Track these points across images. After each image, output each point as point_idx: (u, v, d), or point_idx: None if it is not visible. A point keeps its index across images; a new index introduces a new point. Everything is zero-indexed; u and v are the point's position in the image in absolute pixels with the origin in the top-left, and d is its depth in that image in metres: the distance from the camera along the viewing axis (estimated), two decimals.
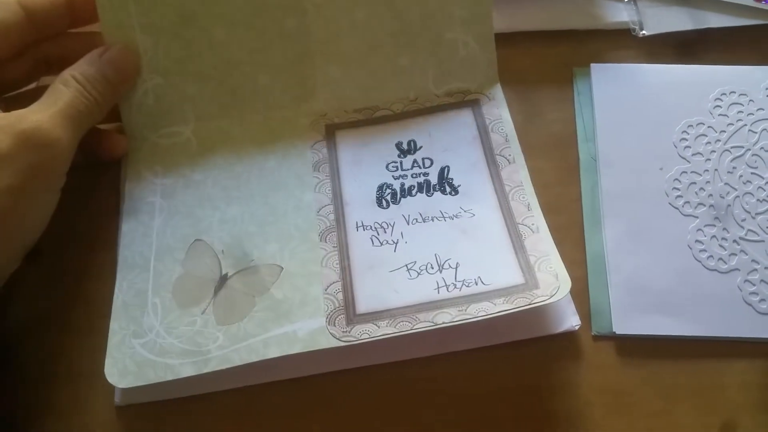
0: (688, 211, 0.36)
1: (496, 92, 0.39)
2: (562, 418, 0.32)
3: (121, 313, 0.33)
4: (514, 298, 0.32)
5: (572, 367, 0.33)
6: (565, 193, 0.38)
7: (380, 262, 0.34)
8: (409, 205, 0.36)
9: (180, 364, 0.32)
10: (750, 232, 0.35)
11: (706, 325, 0.33)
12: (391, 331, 0.32)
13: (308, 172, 0.37)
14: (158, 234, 0.36)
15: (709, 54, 0.42)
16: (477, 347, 0.34)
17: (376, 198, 0.36)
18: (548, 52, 0.42)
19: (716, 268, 0.35)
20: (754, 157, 0.37)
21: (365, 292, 0.33)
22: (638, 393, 0.33)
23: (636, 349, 0.34)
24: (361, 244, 0.35)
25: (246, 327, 0.33)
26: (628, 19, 0.42)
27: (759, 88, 0.39)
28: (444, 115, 0.39)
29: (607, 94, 0.40)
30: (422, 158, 0.38)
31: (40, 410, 0.33)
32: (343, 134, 0.39)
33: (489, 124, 0.38)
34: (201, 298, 0.34)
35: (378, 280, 0.34)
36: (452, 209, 0.36)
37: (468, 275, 0.33)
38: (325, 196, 0.37)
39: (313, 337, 0.32)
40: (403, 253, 0.34)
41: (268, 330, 0.32)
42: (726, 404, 0.32)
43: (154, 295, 0.34)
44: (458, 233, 0.35)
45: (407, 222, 0.36)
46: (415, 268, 0.34)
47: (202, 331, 0.33)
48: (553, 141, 0.39)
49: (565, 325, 0.33)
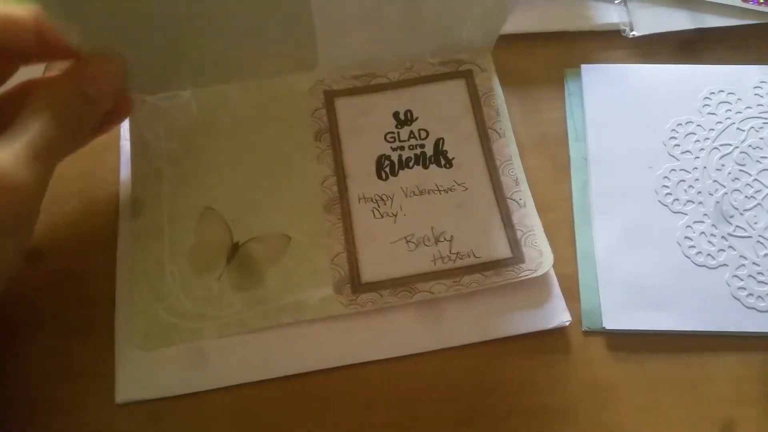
0: (677, 208, 0.37)
1: (488, 63, 0.40)
2: (554, 412, 0.33)
3: (141, 279, 0.35)
4: (503, 272, 0.34)
5: (563, 362, 0.34)
6: (556, 191, 0.38)
7: (381, 234, 0.36)
8: (406, 177, 0.37)
9: (202, 327, 0.34)
10: (738, 229, 0.36)
11: (694, 320, 0.34)
12: (393, 300, 0.34)
13: (310, 141, 0.38)
14: (168, 201, 0.37)
15: (699, 54, 0.42)
16: (469, 343, 0.34)
17: (375, 170, 0.38)
18: (540, 53, 0.43)
19: (705, 264, 0.35)
20: (742, 155, 0.38)
21: (369, 262, 0.35)
22: (628, 387, 0.33)
23: (625, 343, 0.34)
24: (363, 215, 0.36)
25: (260, 294, 0.34)
26: (619, 21, 0.43)
27: (747, 87, 0.40)
28: (439, 86, 0.40)
29: (597, 93, 0.40)
30: (418, 129, 0.39)
31: (39, 408, 0.33)
32: (342, 102, 0.39)
33: (481, 96, 0.39)
34: (215, 265, 0.35)
35: (380, 252, 0.35)
36: (447, 182, 0.37)
37: (461, 248, 0.35)
38: (327, 167, 0.37)
39: (323, 305, 0.34)
40: (402, 225, 0.36)
41: (281, 298, 0.34)
42: (714, 397, 0.33)
43: (171, 262, 0.35)
44: (452, 206, 0.36)
45: (405, 194, 0.37)
46: (413, 240, 0.36)
47: (219, 296, 0.34)
48: (545, 140, 0.40)
49: (555, 322, 0.34)
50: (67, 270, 0.37)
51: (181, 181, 0.37)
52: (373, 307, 0.34)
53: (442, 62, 0.40)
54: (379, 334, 0.34)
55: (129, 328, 0.34)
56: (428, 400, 0.33)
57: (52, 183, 0.29)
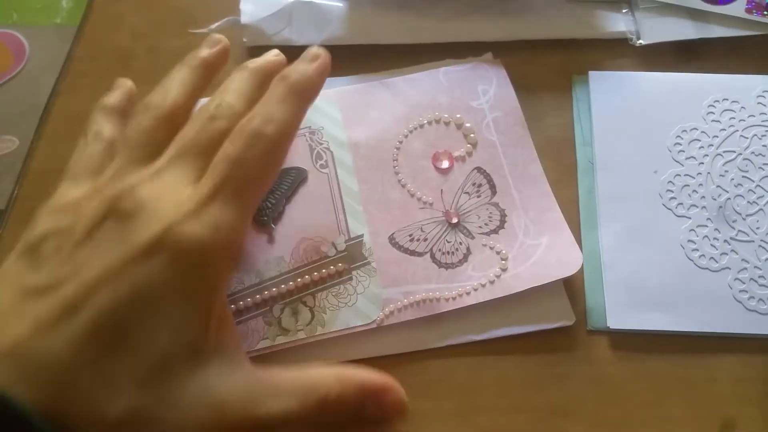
0: (681, 212, 0.37)
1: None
2: (558, 409, 0.33)
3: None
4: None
5: (567, 360, 0.34)
6: (563, 194, 0.39)
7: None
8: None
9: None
10: (740, 233, 0.37)
11: (697, 321, 0.35)
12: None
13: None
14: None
15: (704, 63, 0.43)
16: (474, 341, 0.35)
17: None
18: (548, 60, 0.44)
19: (708, 267, 0.36)
20: (745, 162, 0.39)
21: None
22: (631, 386, 0.34)
23: (629, 343, 0.35)
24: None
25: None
26: (626, 29, 0.44)
27: (750, 96, 0.41)
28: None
29: (604, 100, 0.41)
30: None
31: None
32: None
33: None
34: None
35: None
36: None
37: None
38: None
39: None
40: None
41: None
42: (716, 397, 0.33)
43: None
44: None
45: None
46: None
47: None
48: (552, 145, 0.41)
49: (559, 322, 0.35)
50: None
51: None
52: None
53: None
54: (381, 330, 0.35)
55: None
56: (430, 395, 0.34)
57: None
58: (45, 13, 0.49)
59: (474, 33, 0.44)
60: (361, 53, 0.44)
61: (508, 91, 0.42)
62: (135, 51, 0.47)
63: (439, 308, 0.35)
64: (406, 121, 0.41)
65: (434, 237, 0.37)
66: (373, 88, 0.43)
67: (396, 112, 0.41)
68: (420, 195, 0.38)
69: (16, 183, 0.42)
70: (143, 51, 0.47)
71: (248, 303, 0.35)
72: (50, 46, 0.47)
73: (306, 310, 0.35)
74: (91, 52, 0.47)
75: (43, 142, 0.43)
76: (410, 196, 0.38)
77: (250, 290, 0.36)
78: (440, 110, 0.41)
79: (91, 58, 0.47)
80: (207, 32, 0.45)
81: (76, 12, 0.49)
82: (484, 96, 0.41)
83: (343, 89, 0.43)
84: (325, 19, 0.44)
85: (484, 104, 0.41)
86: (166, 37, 0.47)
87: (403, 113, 0.41)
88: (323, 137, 0.41)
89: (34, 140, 0.43)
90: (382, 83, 0.43)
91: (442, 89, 0.42)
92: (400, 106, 0.42)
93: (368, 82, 0.43)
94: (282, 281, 0.36)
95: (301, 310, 0.35)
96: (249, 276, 0.36)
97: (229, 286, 0.35)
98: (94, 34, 0.48)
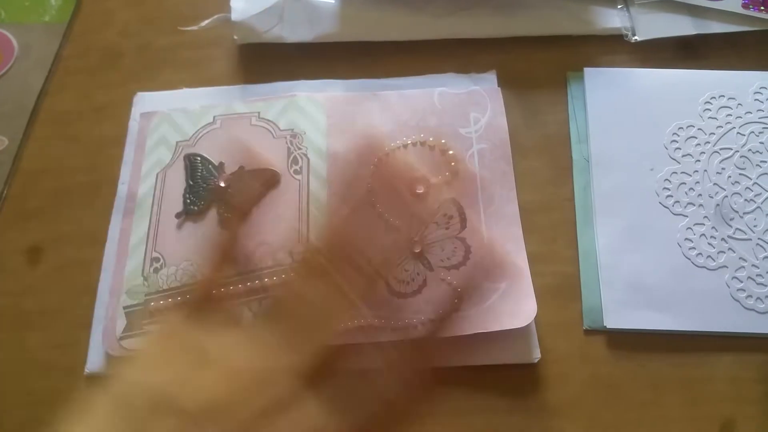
0: (678, 210, 0.37)
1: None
2: (555, 408, 0.33)
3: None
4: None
5: (565, 360, 0.34)
6: (559, 192, 0.39)
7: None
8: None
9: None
10: (738, 231, 0.36)
11: (694, 320, 0.34)
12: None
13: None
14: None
15: (700, 59, 0.43)
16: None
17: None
18: (544, 56, 0.43)
19: (705, 266, 0.36)
20: (742, 159, 0.39)
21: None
22: (628, 385, 0.34)
23: (626, 342, 0.34)
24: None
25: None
26: (621, 25, 0.43)
27: (747, 92, 0.40)
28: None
29: (599, 97, 0.41)
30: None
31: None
32: None
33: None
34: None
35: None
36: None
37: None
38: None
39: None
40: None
41: None
42: (713, 396, 0.33)
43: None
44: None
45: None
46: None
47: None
48: (548, 142, 0.40)
49: (527, 359, 0.34)
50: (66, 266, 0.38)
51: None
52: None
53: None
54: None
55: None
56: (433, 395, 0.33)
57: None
58: (34, 11, 0.48)
59: (468, 30, 0.43)
60: (354, 51, 0.43)
61: (501, 123, 0.40)
62: (124, 49, 0.46)
63: (383, 337, 0.33)
64: (390, 139, 0.40)
65: (393, 263, 0.36)
66: (364, 99, 0.41)
67: (382, 127, 0.40)
68: (388, 217, 0.36)
69: (5, 183, 0.41)
70: (133, 49, 0.46)
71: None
72: (39, 44, 0.46)
73: (250, 315, 0.35)
74: (80, 50, 0.46)
75: (32, 141, 0.43)
76: (377, 217, 0.38)
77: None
78: (427, 133, 0.40)
79: (80, 56, 0.46)
80: (197, 29, 0.45)
81: (65, 10, 0.48)
82: (474, 124, 0.40)
83: (334, 96, 0.42)
84: (318, 15, 0.44)
85: (473, 133, 0.40)
86: (156, 35, 0.46)
87: (388, 130, 0.40)
88: (303, 142, 0.40)
89: (23, 140, 0.43)
90: (374, 95, 0.42)
91: (434, 111, 0.41)
92: (387, 122, 0.40)
93: (361, 92, 0.42)
94: (232, 282, 0.35)
95: (245, 315, 0.35)
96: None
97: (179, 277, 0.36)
98: (83, 32, 0.47)
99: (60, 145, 0.42)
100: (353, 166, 0.39)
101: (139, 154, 0.41)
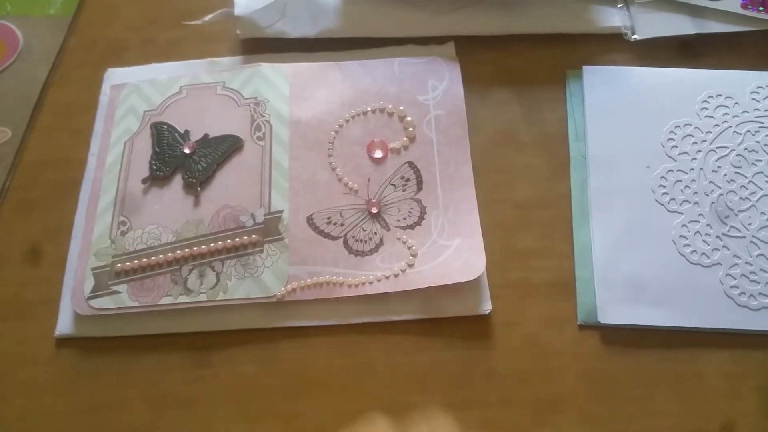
0: (673, 207, 0.37)
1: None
2: (549, 402, 0.33)
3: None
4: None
5: (559, 354, 0.35)
6: (556, 188, 0.39)
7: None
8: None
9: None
10: (732, 229, 0.37)
11: (687, 317, 0.35)
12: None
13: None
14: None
15: (698, 58, 0.43)
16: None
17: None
18: (543, 54, 0.44)
19: (699, 263, 0.36)
20: (738, 157, 0.39)
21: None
22: (621, 380, 0.34)
23: (620, 338, 0.35)
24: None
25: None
26: (621, 24, 0.43)
27: (744, 92, 0.41)
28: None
29: (598, 95, 0.41)
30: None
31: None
32: None
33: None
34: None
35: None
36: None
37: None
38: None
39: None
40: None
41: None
42: (705, 392, 0.33)
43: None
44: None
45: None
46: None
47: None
48: (546, 139, 0.41)
49: (479, 310, 0.35)
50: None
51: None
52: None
53: None
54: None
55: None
56: (424, 389, 0.34)
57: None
58: (39, 4, 0.49)
59: (468, 27, 0.44)
60: (356, 46, 0.44)
61: (457, 91, 0.42)
62: (129, 42, 0.47)
63: (340, 293, 0.36)
64: (351, 106, 0.41)
65: (351, 223, 0.38)
66: (327, 68, 0.43)
67: (343, 95, 0.42)
68: (347, 180, 0.39)
69: (8, 174, 0.41)
70: (137, 42, 0.47)
71: (160, 259, 0.37)
72: (44, 37, 0.47)
73: (212, 274, 0.36)
74: (84, 43, 0.47)
75: (35, 133, 0.43)
76: (337, 180, 0.39)
77: (164, 247, 0.37)
78: (386, 100, 0.41)
79: (84, 49, 0.47)
80: (201, 24, 0.45)
81: (70, 3, 0.49)
82: (432, 92, 0.42)
83: (298, 65, 0.43)
84: (320, 11, 0.44)
85: (431, 100, 0.41)
86: (159, 29, 0.47)
87: (349, 97, 0.42)
88: (266, 110, 0.41)
89: (26, 131, 0.43)
90: (337, 65, 0.43)
91: (394, 79, 0.42)
92: (348, 90, 0.42)
93: (325, 62, 0.43)
94: (195, 243, 0.37)
95: (207, 274, 0.36)
96: (166, 233, 0.38)
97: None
98: (87, 26, 0.48)
99: (63, 137, 0.43)
100: (315, 132, 0.40)
101: (108, 125, 0.42)
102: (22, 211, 0.40)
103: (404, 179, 0.39)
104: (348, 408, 0.33)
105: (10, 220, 0.40)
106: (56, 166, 0.42)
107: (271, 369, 0.35)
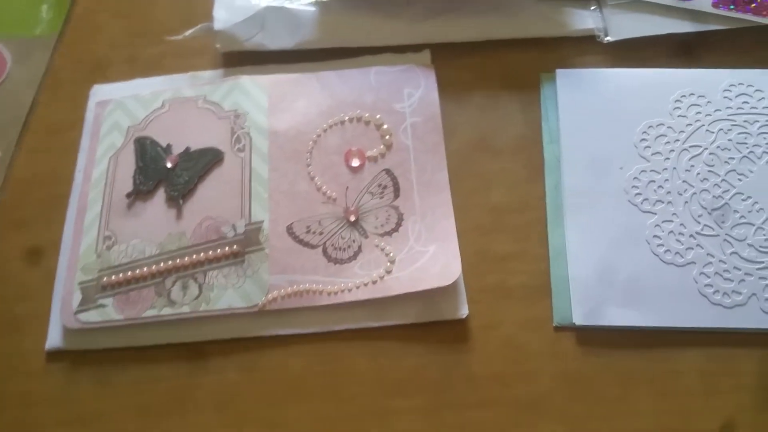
0: (646, 207, 0.38)
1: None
2: (525, 404, 0.34)
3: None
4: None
5: (535, 356, 0.35)
6: (531, 191, 0.39)
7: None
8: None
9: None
10: (706, 227, 0.37)
11: (662, 316, 0.35)
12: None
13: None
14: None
15: (670, 58, 0.43)
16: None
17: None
18: (517, 58, 0.44)
19: (673, 262, 0.36)
20: (711, 156, 0.39)
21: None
22: (597, 380, 0.34)
23: (595, 338, 0.35)
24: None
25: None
26: (594, 26, 0.44)
27: (717, 90, 0.41)
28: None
29: (571, 97, 0.41)
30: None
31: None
32: None
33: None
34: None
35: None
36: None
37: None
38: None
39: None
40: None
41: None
42: (681, 390, 0.34)
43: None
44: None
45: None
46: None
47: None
48: (520, 143, 0.41)
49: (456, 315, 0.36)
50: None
51: None
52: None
53: None
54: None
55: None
56: (402, 392, 0.35)
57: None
58: (25, 24, 0.50)
59: (444, 34, 0.44)
60: (334, 56, 0.45)
61: (433, 98, 0.42)
62: (113, 59, 0.48)
63: (320, 301, 0.36)
64: (328, 116, 0.42)
65: (330, 232, 0.38)
66: (305, 79, 0.44)
67: (321, 105, 0.43)
68: (326, 189, 0.40)
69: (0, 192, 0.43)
70: (121, 59, 0.48)
71: (144, 272, 0.37)
72: (30, 57, 0.48)
73: (195, 286, 0.37)
74: (69, 61, 0.48)
75: (24, 151, 0.44)
76: (316, 190, 0.40)
77: (148, 260, 0.38)
78: (363, 109, 0.42)
79: (69, 67, 0.48)
80: (182, 39, 0.46)
81: (55, 22, 0.50)
82: (408, 99, 0.42)
83: (276, 77, 0.44)
84: (298, 23, 0.45)
85: (407, 108, 0.42)
86: (142, 45, 0.48)
87: (327, 107, 0.42)
88: (246, 122, 0.42)
89: (15, 151, 0.44)
90: (315, 75, 0.44)
91: (370, 88, 0.43)
92: (326, 100, 0.43)
93: (303, 73, 0.44)
94: (178, 255, 0.38)
95: (190, 286, 0.37)
96: (150, 246, 0.38)
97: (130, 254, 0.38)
98: (72, 44, 0.49)
99: (51, 154, 0.44)
100: (293, 143, 0.41)
101: (93, 141, 0.43)
102: (13, 227, 0.41)
103: (381, 187, 0.40)
104: (330, 414, 0.34)
105: (2, 235, 0.41)
106: (45, 183, 0.43)
107: (254, 377, 0.35)
